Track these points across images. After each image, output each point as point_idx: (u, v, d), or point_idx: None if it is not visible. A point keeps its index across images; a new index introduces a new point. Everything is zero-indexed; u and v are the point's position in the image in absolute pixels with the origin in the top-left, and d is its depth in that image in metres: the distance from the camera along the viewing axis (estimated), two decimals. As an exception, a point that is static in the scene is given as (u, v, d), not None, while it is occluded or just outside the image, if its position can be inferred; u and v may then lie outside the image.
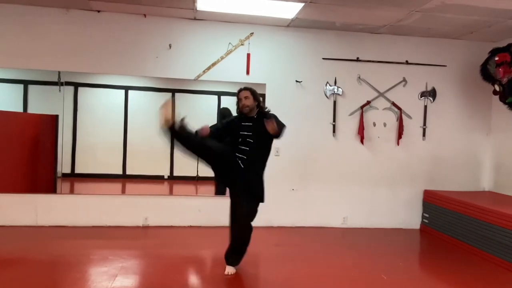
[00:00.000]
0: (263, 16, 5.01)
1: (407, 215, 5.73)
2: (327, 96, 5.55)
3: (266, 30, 5.37)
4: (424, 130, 5.73)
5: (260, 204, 5.61)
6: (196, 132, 3.78)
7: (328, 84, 5.54)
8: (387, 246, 4.90)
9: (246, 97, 3.80)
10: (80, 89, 6.33)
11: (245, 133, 3.75)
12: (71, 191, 6.08)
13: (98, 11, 5.09)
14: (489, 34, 5.38)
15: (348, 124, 5.59)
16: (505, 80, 5.09)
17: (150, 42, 5.19)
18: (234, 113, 4.10)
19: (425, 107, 5.73)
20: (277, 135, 3.61)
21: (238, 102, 3.87)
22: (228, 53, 5.32)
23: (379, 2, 4.40)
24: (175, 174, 6.58)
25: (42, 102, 5.96)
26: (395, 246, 4.93)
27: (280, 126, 3.63)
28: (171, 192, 6.50)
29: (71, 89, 6.22)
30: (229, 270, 3.73)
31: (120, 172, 6.50)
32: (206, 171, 6.53)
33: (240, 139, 3.76)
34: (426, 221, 5.61)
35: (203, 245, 4.67)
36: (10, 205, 5.02)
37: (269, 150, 3.84)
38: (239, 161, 3.72)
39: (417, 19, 4.89)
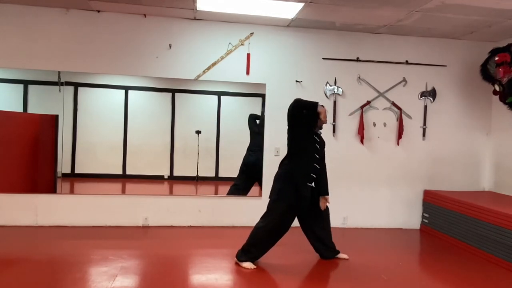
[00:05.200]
0: (263, 16, 5.01)
1: (407, 215, 5.73)
2: (327, 96, 5.55)
3: (266, 30, 5.37)
4: (424, 130, 5.73)
5: (261, 204, 5.65)
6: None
7: (328, 84, 5.54)
8: (387, 246, 4.90)
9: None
10: (80, 89, 6.32)
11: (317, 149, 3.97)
12: (71, 191, 6.07)
13: (98, 11, 5.09)
14: (489, 34, 5.38)
15: (348, 124, 5.59)
16: (505, 80, 5.09)
17: (150, 42, 5.20)
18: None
19: (425, 107, 5.73)
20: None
21: (317, 118, 3.93)
22: (228, 53, 5.32)
23: (379, 2, 4.40)
24: (175, 174, 6.58)
25: (42, 102, 5.95)
26: (395, 246, 4.93)
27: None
28: (171, 192, 6.49)
29: (71, 89, 6.21)
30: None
31: (120, 172, 6.50)
32: (206, 171, 6.61)
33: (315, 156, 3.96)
34: (426, 221, 5.61)
35: (203, 245, 4.67)
36: (10, 205, 5.02)
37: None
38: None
39: (417, 19, 4.90)
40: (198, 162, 6.50)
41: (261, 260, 4.36)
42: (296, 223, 5.57)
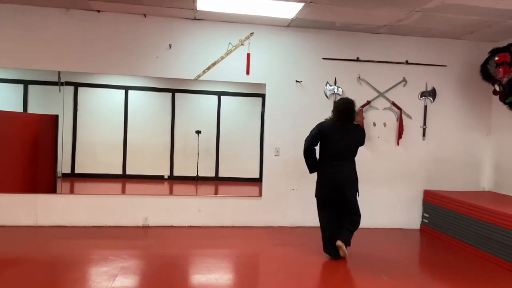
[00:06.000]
0: (263, 16, 5.01)
1: (407, 215, 5.72)
2: (327, 96, 5.55)
3: (266, 30, 5.37)
4: (424, 130, 5.73)
5: (261, 204, 5.68)
6: None
7: (328, 84, 5.54)
8: (387, 246, 4.90)
9: None
10: (80, 89, 6.34)
11: None
12: (71, 191, 6.08)
13: (98, 11, 5.09)
14: (489, 34, 5.38)
15: (348, 124, 5.58)
16: (505, 80, 5.09)
17: (150, 42, 5.19)
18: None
19: (425, 107, 5.73)
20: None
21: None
22: (228, 53, 5.32)
23: (379, 2, 4.39)
24: (175, 174, 6.59)
25: (42, 102, 5.97)
26: (395, 246, 4.93)
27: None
28: (171, 192, 6.50)
29: (71, 89, 6.23)
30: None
31: (120, 172, 6.51)
32: (206, 171, 6.62)
33: None
34: (426, 221, 5.61)
35: (203, 245, 4.66)
36: (10, 205, 5.02)
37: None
38: None
39: (417, 19, 4.89)
40: (198, 162, 6.51)
41: (263, 260, 4.38)
42: (300, 223, 5.58)
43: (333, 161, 4.08)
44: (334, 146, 4.06)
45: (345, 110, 4.09)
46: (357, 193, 4.20)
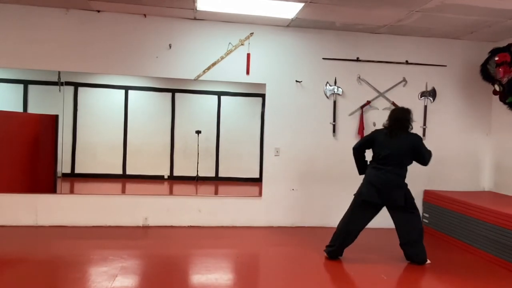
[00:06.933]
0: (263, 16, 5.01)
1: (407, 215, 5.71)
2: (327, 96, 5.55)
3: (266, 30, 5.37)
4: (424, 130, 5.73)
5: (261, 204, 5.67)
6: None
7: (328, 84, 5.54)
8: (387, 246, 4.89)
9: None
10: (80, 89, 6.34)
11: None
12: (71, 191, 6.08)
13: (98, 11, 5.09)
14: (489, 34, 5.38)
15: (348, 124, 5.59)
16: (505, 80, 5.10)
17: (150, 42, 5.19)
18: None
19: (425, 107, 5.73)
20: None
21: None
22: (228, 53, 5.32)
23: (379, 2, 4.40)
24: (175, 174, 6.59)
25: (42, 102, 5.97)
26: (395, 246, 4.92)
27: None
28: (171, 192, 6.50)
29: (71, 89, 6.23)
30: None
31: (120, 172, 6.50)
32: (206, 171, 6.62)
33: None
34: (426, 221, 5.60)
35: (203, 245, 4.66)
36: (10, 205, 5.02)
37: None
38: None
39: (417, 19, 4.90)
40: (198, 162, 6.51)
41: (263, 260, 4.38)
42: (300, 223, 5.57)
43: (378, 165, 4.18)
44: (381, 150, 4.17)
45: (396, 119, 4.20)
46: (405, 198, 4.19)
